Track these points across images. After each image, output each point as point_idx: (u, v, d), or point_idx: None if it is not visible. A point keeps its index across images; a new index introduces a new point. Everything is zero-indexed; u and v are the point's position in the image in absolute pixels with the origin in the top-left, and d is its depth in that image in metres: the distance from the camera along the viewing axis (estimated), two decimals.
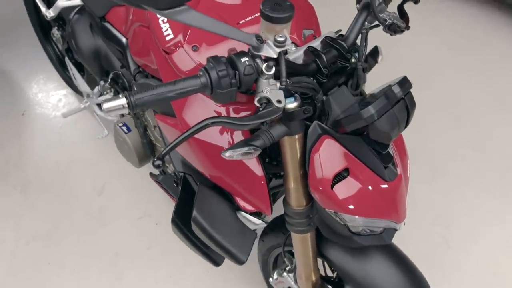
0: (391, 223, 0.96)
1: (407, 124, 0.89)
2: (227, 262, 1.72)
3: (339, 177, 0.90)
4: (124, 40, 1.33)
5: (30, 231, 1.92)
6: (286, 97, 0.87)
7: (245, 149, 0.84)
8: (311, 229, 1.05)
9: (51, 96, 2.40)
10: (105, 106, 0.67)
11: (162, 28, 1.05)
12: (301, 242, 1.08)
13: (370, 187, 0.91)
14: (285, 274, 1.31)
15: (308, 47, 0.91)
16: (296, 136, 0.92)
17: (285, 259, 1.30)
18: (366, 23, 1.04)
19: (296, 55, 0.96)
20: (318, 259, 1.21)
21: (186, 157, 1.13)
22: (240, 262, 1.08)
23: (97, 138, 2.08)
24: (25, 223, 1.95)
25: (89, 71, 1.70)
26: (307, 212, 1.01)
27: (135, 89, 1.31)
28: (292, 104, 0.86)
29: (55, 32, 1.94)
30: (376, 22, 1.04)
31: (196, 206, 1.06)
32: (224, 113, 1.02)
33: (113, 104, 0.68)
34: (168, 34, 1.04)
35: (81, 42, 1.53)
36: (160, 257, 1.82)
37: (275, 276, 1.37)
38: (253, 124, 0.76)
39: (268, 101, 0.76)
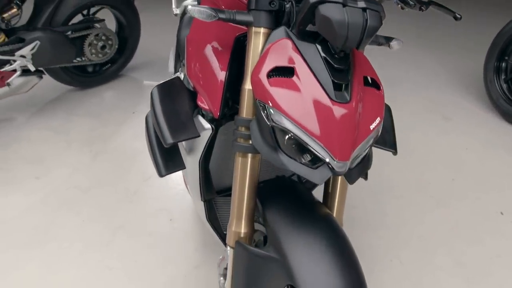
0: (327, 154, 0.84)
1: (362, 41, 0.83)
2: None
3: (284, 76, 0.87)
4: None
5: (76, 182, 2.12)
6: None
7: (205, 9, 0.90)
8: (255, 152, 0.97)
9: None
10: None
11: None
12: (241, 167, 0.99)
13: (309, 95, 0.84)
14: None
15: None
16: (262, 30, 0.93)
17: None
18: None
19: None
20: None
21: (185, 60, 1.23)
22: (166, 141, 1.04)
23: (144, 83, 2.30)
24: (77, 175, 2.17)
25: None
26: None
27: None
28: None
29: None
30: None
31: (161, 84, 1.12)
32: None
33: None
34: None
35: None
36: (151, 247, 1.78)
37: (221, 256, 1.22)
38: None
39: None
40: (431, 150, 2.41)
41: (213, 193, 1.31)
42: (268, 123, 0.86)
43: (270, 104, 0.85)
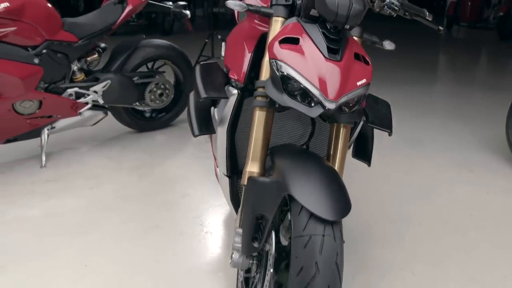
0: (320, 94, 1.08)
1: (348, 18, 1.11)
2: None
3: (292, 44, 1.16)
4: None
5: (121, 193, 2.41)
6: None
7: (238, 2, 1.24)
8: (272, 106, 1.22)
9: (203, 151, 3.09)
10: None
11: None
12: (258, 118, 1.23)
13: (309, 54, 1.12)
14: None
15: None
16: (280, 19, 1.26)
17: None
18: None
19: None
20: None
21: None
22: (200, 96, 1.31)
23: None
24: (123, 189, 2.46)
25: None
26: None
27: None
28: None
29: None
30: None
31: (203, 63, 1.44)
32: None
33: None
34: None
35: None
36: (181, 243, 1.97)
37: None
38: None
39: None
40: (453, 192, 2.50)
41: (237, 171, 1.53)
42: (278, 74, 1.13)
43: (278, 59, 1.13)
